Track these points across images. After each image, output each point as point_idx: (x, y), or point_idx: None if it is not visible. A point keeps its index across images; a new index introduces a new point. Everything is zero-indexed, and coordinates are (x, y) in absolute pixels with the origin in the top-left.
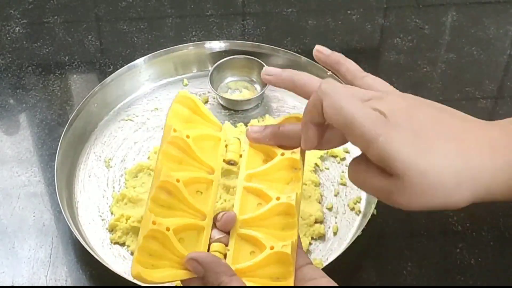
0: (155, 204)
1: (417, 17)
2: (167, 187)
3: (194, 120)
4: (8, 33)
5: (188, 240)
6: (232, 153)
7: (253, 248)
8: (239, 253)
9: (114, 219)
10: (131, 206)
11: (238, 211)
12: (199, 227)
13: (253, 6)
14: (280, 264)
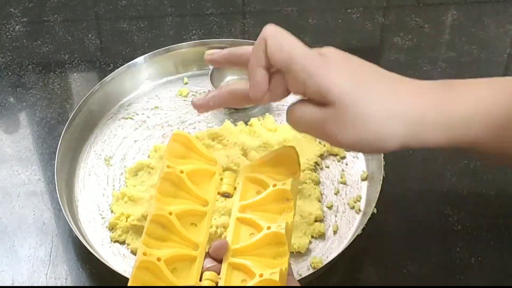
0: (149, 237)
1: (417, 16)
2: (160, 221)
3: (189, 156)
4: (8, 31)
5: (180, 270)
6: (226, 185)
7: (244, 276)
8: (230, 282)
9: (114, 218)
10: (131, 205)
11: (230, 241)
12: (192, 257)
13: (253, 5)
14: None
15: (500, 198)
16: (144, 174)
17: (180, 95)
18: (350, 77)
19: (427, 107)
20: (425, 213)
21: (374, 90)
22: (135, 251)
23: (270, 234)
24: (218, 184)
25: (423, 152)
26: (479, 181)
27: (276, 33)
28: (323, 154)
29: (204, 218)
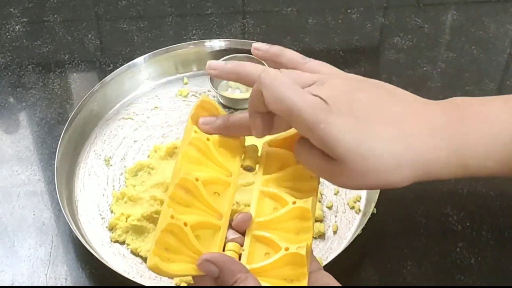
0: (173, 201)
1: (417, 16)
2: (186, 185)
3: None
4: (8, 31)
5: (204, 238)
6: (249, 159)
7: (268, 249)
8: (254, 254)
9: (114, 218)
10: (131, 205)
11: (254, 213)
12: (216, 226)
13: (253, 5)
14: (294, 266)
15: (500, 198)
16: (144, 174)
17: (180, 95)
18: (355, 128)
19: (439, 148)
20: (425, 213)
21: (382, 138)
22: (135, 251)
23: (295, 208)
24: (241, 157)
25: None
26: (479, 181)
27: (271, 84)
28: None
29: (227, 188)
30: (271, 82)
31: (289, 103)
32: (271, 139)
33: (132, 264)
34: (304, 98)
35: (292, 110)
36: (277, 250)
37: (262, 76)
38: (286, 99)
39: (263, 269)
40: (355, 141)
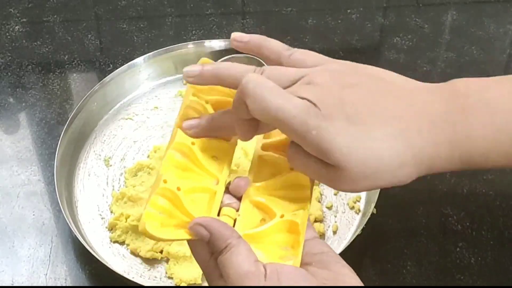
0: (168, 163)
1: (417, 16)
2: (182, 149)
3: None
4: (8, 31)
5: (198, 203)
6: None
7: (264, 215)
8: (249, 220)
9: (113, 218)
10: (131, 205)
11: (251, 178)
12: (211, 191)
13: (252, 5)
14: (289, 233)
15: (500, 198)
16: (143, 175)
17: (180, 96)
18: (350, 130)
19: (441, 143)
20: (425, 213)
21: (380, 138)
22: (135, 252)
23: (294, 175)
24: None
25: None
26: (479, 181)
27: (254, 91)
28: None
29: (226, 152)
30: (254, 89)
31: (276, 112)
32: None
33: (132, 265)
34: (292, 104)
35: (280, 119)
36: (272, 217)
37: (244, 83)
38: (272, 107)
39: (258, 235)
40: (352, 144)
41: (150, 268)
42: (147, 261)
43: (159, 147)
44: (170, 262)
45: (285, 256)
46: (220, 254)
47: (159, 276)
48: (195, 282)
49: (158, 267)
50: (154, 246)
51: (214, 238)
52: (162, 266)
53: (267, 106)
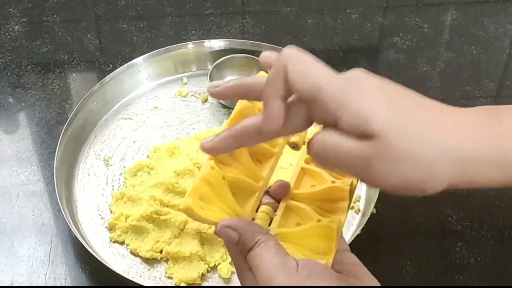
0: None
1: (417, 16)
2: None
3: None
4: (8, 31)
5: (239, 196)
6: (297, 136)
7: (300, 220)
8: (285, 221)
9: (113, 218)
10: (130, 205)
11: (292, 185)
12: (253, 187)
13: (252, 5)
14: (323, 239)
15: (500, 198)
16: (143, 175)
17: (179, 95)
18: (390, 106)
19: (477, 141)
20: (424, 213)
21: (419, 121)
22: (134, 252)
23: (334, 187)
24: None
25: None
26: None
27: (298, 58)
28: None
29: (270, 158)
30: (298, 56)
31: (318, 77)
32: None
33: (132, 264)
34: (333, 75)
35: (321, 84)
36: (308, 221)
37: (288, 51)
38: (314, 73)
39: (291, 235)
40: (393, 117)
41: (150, 268)
42: (146, 261)
43: (159, 147)
44: (170, 262)
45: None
46: (249, 251)
47: (158, 276)
48: (195, 282)
49: (158, 267)
50: (153, 246)
51: (243, 237)
52: (161, 266)
53: (310, 71)
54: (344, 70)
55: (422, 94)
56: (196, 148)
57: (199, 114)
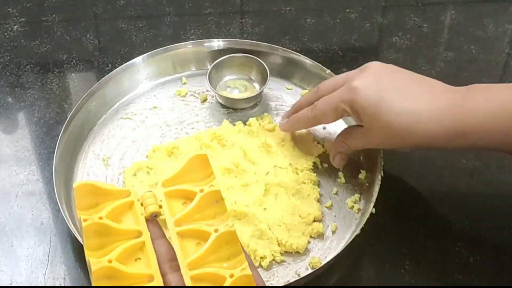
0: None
1: (416, 15)
2: (105, 273)
3: (101, 201)
4: (6, 31)
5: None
6: (151, 206)
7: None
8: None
9: None
10: None
11: (181, 256)
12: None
13: (251, 5)
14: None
15: (499, 198)
16: (142, 175)
17: (179, 95)
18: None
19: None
20: (423, 213)
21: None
22: None
23: (220, 235)
24: (141, 210)
25: (421, 151)
26: (478, 181)
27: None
28: (322, 154)
29: (144, 248)
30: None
31: None
32: (165, 179)
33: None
34: None
35: None
36: (223, 281)
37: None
38: None
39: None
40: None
41: None
42: None
43: (158, 147)
44: None
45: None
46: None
47: None
48: None
49: None
50: None
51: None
52: None
53: None
54: (343, 69)
55: None
56: (195, 148)
57: (198, 114)
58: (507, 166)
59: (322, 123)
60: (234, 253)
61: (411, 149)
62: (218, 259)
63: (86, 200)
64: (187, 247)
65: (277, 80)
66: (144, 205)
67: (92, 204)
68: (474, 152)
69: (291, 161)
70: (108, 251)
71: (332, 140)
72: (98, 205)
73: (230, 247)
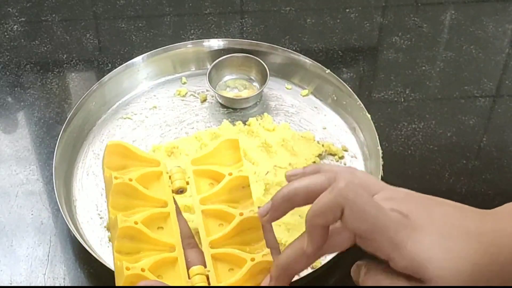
0: (122, 254)
1: (416, 15)
2: (128, 233)
3: (131, 164)
4: (6, 31)
5: (166, 274)
6: (178, 181)
7: (231, 265)
8: (220, 272)
9: None
10: None
11: (203, 234)
12: (172, 259)
13: (251, 4)
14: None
15: (499, 198)
16: None
17: (179, 95)
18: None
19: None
20: None
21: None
22: None
23: (245, 219)
24: (169, 182)
25: (421, 152)
26: (477, 181)
27: (356, 199)
28: (322, 154)
29: (168, 219)
30: (355, 197)
31: (373, 221)
32: (194, 158)
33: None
34: (388, 215)
35: (375, 229)
36: (242, 264)
37: (344, 190)
38: (369, 216)
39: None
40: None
41: None
42: None
43: (158, 147)
44: None
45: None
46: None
47: None
48: None
49: None
50: None
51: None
52: None
53: (366, 214)
54: (343, 69)
55: (422, 96)
56: (195, 148)
57: (198, 114)
58: (507, 166)
59: None
60: (256, 238)
61: None
62: (240, 242)
63: (115, 160)
64: (210, 226)
65: (277, 80)
66: (172, 179)
67: (121, 165)
68: (474, 152)
69: (291, 161)
70: (132, 214)
71: (333, 140)
72: (126, 167)
73: (253, 232)
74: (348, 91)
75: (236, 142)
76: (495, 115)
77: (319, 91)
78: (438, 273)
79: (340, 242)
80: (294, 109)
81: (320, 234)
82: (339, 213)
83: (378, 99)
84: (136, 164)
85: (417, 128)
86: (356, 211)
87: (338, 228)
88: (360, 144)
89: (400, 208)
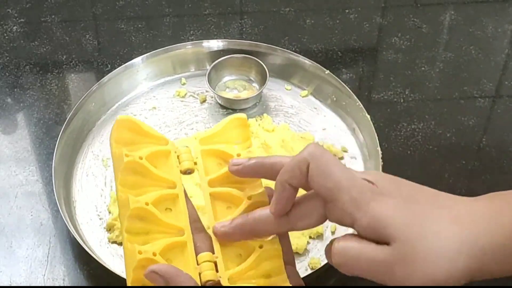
0: (131, 234)
1: (415, 16)
2: (139, 214)
3: (139, 141)
4: (6, 32)
5: (175, 259)
6: (186, 162)
7: (240, 250)
8: (227, 258)
9: (111, 218)
10: None
11: (211, 217)
12: (182, 243)
13: (250, 5)
14: (271, 261)
15: None
16: None
17: (178, 96)
18: (406, 208)
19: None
20: None
21: (436, 219)
22: None
23: (253, 204)
24: (177, 163)
25: (421, 152)
26: (477, 181)
27: (321, 156)
28: None
29: (177, 200)
30: (321, 154)
31: (339, 179)
32: (202, 137)
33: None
34: (353, 177)
35: (341, 186)
36: (249, 249)
37: (311, 148)
38: (336, 174)
39: (242, 272)
40: (409, 220)
41: None
42: None
43: None
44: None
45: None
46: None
47: None
48: None
49: None
50: None
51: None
52: None
53: (331, 172)
54: (342, 70)
55: (422, 95)
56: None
57: (198, 115)
58: (506, 167)
59: None
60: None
61: None
62: None
63: (124, 135)
64: (218, 208)
65: (276, 81)
66: (180, 160)
67: (129, 141)
68: (474, 153)
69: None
70: (141, 193)
71: (332, 141)
72: (134, 144)
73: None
74: (347, 91)
75: (244, 120)
76: (495, 116)
77: (318, 92)
78: (401, 231)
79: (309, 211)
80: (293, 109)
81: (287, 195)
82: (305, 169)
83: (378, 99)
84: (144, 141)
85: (417, 128)
86: (321, 167)
87: (307, 195)
88: (360, 145)
89: (369, 177)
